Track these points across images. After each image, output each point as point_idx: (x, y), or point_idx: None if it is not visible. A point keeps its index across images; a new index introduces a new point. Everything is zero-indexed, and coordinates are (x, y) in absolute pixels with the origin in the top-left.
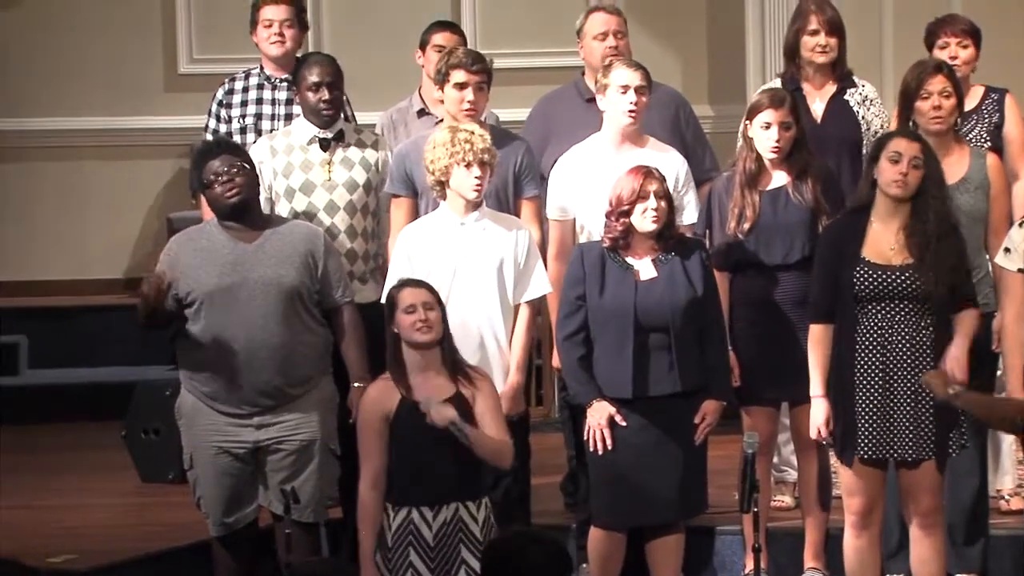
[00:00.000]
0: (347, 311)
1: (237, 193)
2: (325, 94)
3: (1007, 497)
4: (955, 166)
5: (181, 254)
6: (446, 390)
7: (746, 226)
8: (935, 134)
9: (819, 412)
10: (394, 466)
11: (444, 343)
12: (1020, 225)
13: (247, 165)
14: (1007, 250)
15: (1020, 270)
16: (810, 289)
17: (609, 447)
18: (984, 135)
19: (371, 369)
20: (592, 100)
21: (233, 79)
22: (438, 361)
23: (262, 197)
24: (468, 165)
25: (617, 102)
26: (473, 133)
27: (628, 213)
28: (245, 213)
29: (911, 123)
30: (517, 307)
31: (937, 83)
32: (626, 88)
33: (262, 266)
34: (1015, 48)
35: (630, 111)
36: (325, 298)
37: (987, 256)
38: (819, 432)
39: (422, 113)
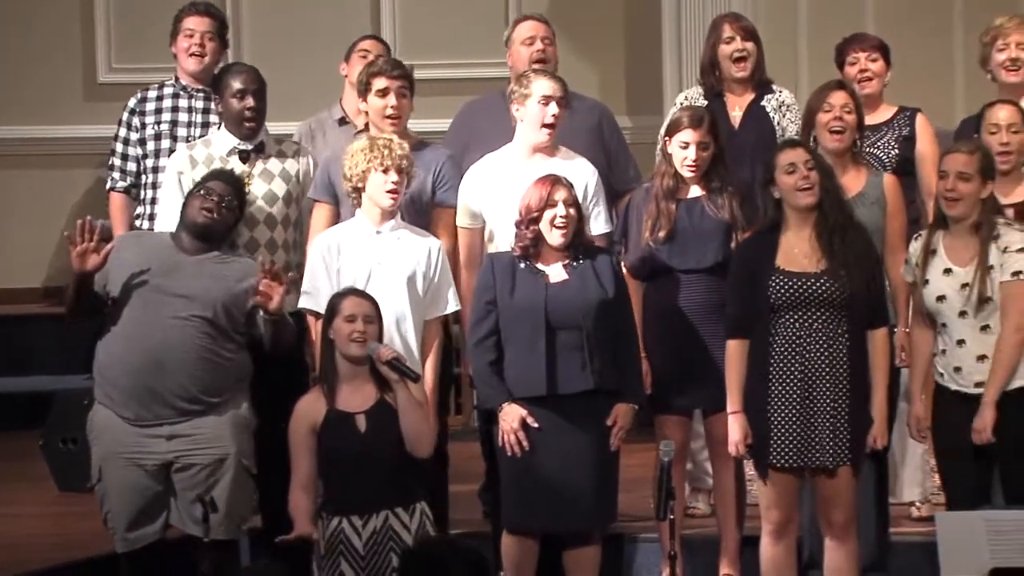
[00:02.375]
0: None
1: (209, 217)
2: (250, 101)
3: (918, 504)
4: (852, 182)
5: (124, 247)
6: (371, 398)
7: (661, 235)
8: (833, 152)
9: (736, 428)
10: (323, 476)
11: None
12: (916, 238)
13: (236, 204)
14: (907, 262)
15: (914, 283)
16: (726, 305)
17: (526, 448)
18: (892, 143)
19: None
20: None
21: (146, 89)
22: (366, 371)
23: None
24: (385, 170)
25: (538, 113)
26: (392, 140)
27: (537, 221)
28: (205, 236)
29: (811, 139)
30: (428, 322)
31: (839, 98)
32: (548, 99)
33: (193, 277)
34: (926, 68)
35: (550, 123)
36: (259, 328)
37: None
38: (737, 448)
39: (343, 122)
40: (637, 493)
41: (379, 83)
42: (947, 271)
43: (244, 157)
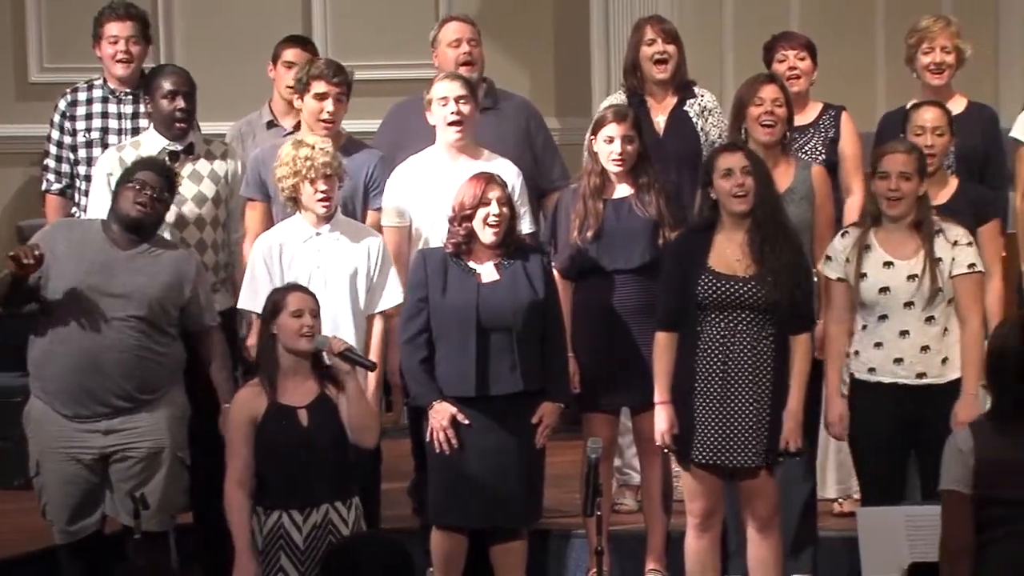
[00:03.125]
0: (216, 335)
1: (143, 211)
2: (181, 103)
3: (840, 500)
4: (781, 178)
5: (56, 240)
6: (312, 392)
7: (589, 234)
8: (764, 145)
9: (662, 418)
10: (263, 470)
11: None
12: (842, 235)
13: (167, 196)
14: (828, 258)
15: (840, 279)
16: (657, 298)
17: (455, 446)
18: (820, 147)
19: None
20: None
21: (76, 90)
22: (308, 366)
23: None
24: (312, 182)
25: (440, 114)
26: (314, 148)
27: (470, 218)
28: (137, 229)
29: (742, 132)
30: (371, 317)
31: (770, 91)
32: (446, 100)
33: (128, 275)
34: (850, 66)
35: (452, 121)
36: (193, 321)
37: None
38: (663, 438)
39: (271, 125)
40: (567, 489)
41: (318, 87)
42: (888, 264)
43: (174, 158)
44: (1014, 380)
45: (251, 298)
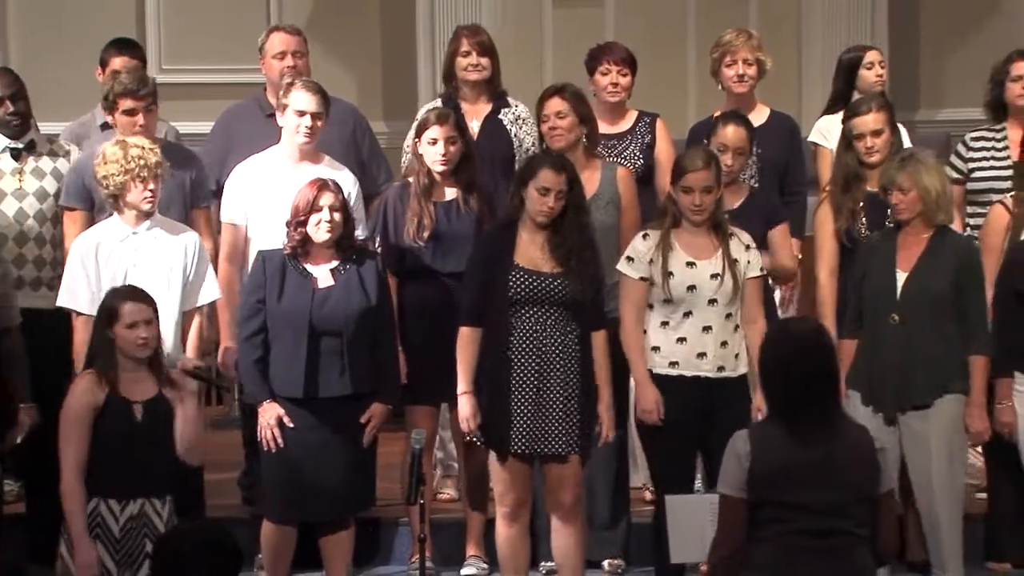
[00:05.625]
0: (14, 334)
1: None
2: (9, 107)
3: (649, 488)
4: (587, 183)
5: None
6: (149, 391)
7: (425, 234)
8: (559, 151)
9: (465, 407)
10: (91, 459)
11: (156, 349)
12: (644, 236)
13: None
14: (630, 259)
15: (642, 278)
16: (463, 293)
17: (281, 445)
18: (637, 153)
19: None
20: (272, 115)
21: None
22: (145, 365)
23: None
24: (144, 181)
25: (293, 123)
26: (144, 148)
27: (304, 223)
28: None
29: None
30: (189, 313)
31: (551, 106)
32: (303, 113)
33: None
34: (664, 76)
35: (305, 134)
36: None
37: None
38: (467, 425)
39: (105, 127)
40: (391, 479)
41: (125, 104)
42: (690, 264)
43: (15, 155)
44: (791, 386)
45: (69, 296)
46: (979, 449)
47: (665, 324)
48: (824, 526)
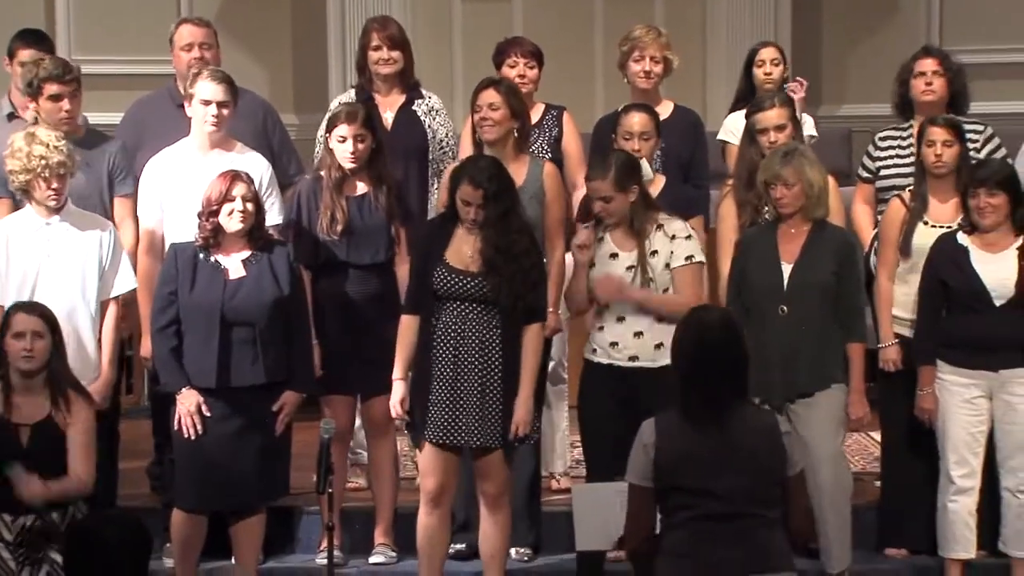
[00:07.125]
0: None
1: None
2: None
3: (558, 477)
4: (514, 176)
5: None
6: (41, 412)
7: (338, 228)
8: (488, 144)
9: (396, 392)
10: None
11: (52, 367)
12: (586, 227)
13: None
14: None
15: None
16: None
17: (200, 432)
18: (545, 146)
19: None
20: (183, 106)
21: None
22: (40, 383)
23: None
24: (46, 180)
25: (200, 113)
26: (48, 147)
27: (216, 214)
28: None
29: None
30: (105, 303)
31: (484, 97)
32: (208, 102)
33: None
34: (571, 69)
35: (212, 123)
36: None
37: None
38: (395, 410)
39: (12, 117)
40: (302, 467)
41: (51, 89)
42: (613, 255)
43: None
44: (693, 374)
45: None
46: (876, 436)
47: (597, 312)
48: (730, 510)
